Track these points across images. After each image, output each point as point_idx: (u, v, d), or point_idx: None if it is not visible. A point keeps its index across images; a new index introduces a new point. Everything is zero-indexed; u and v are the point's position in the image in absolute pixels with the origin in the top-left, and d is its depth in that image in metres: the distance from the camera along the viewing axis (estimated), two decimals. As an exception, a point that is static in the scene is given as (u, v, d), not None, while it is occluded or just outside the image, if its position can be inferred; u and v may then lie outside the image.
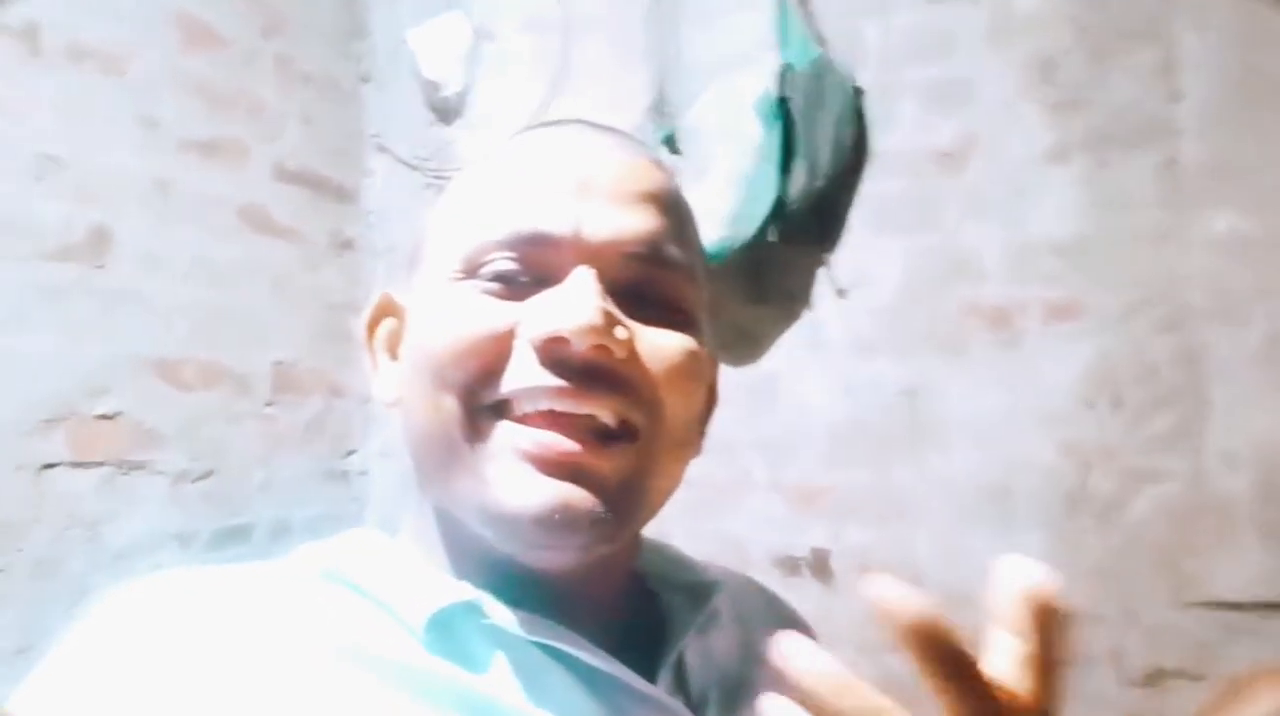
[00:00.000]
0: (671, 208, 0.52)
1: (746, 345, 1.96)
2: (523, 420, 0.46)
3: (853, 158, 1.85)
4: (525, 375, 0.46)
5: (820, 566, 1.86)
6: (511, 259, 0.48)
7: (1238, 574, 1.52)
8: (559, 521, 0.45)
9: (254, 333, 2.13)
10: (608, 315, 0.46)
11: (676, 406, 0.49)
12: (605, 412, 0.46)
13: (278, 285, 2.19)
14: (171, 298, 1.96)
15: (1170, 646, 1.56)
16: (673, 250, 0.50)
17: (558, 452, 0.45)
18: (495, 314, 0.47)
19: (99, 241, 1.84)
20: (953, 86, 1.81)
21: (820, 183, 1.81)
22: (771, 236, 1.81)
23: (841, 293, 1.87)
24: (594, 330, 0.44)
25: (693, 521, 1.93)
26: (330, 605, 0.47)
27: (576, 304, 0.45)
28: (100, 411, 1.82)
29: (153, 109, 1.95)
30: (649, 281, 0.49)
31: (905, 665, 0.39)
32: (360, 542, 0.53)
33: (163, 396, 1.93)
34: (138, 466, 1.88)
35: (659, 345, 0.48)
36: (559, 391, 0.46)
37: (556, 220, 0.48)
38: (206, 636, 0.43)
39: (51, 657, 0.43)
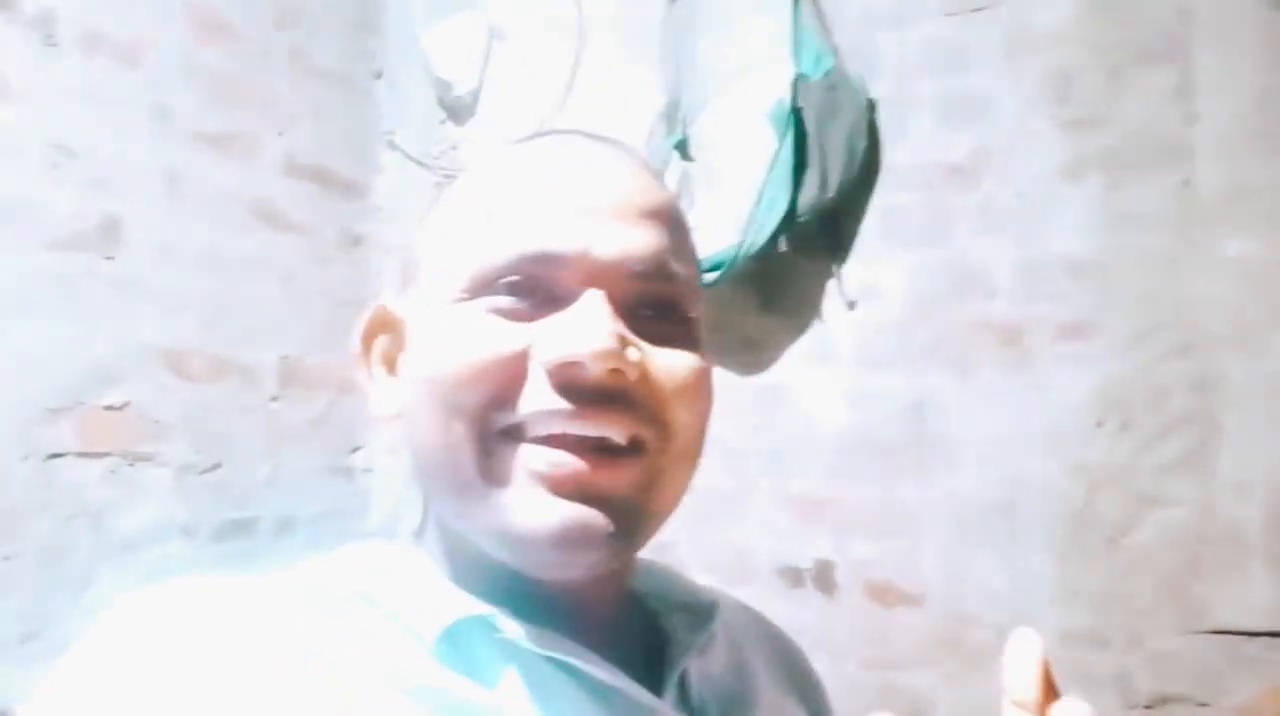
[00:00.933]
0: (673, 223, 0.53)
1: (754, 355, 1.96)
2: (534, 442, 0.47)
3: (865, 169, 1.84)
4: (539, 399, 0.46)
5: (824, 578, 1.86)
6: (519, 280, 0.48)
7: (1245, 602, 1.51)
8: (575, 540, 0.45)
9: (262, 326, 2.13)
10: (620, 338, 0.46)
11: (685, 422, 0.49)
12: (617, 432, 0.47)
13: (286, 280, 2.19)
14: (180, 289, 1.96)
15: (1175, 672, 1.56)
16: (676, 266, 0.51)
17: (571, 473, 0.46)
18: (506, 336, 0.47)
19: (109, 231, 1.84)
20: (967, 101, 1.81)
21: (831, 194, 1.80)
22: (782, 247, 1.80)
23: (851, 304, 1.87)
24: (608, 354, 0.45)
25: (698, 530, 1.94)
26: (342, 617, 0.48)
27: (590, 328, 0.45)
28: (108, 402, 1.83)
29: (166, 100, 1.95)
30: (654, 297, 0.50)
31: (903, 679, 0.39)
32: (369, 554, 0.54)
33: (170, 388, 1.93)
34: (144, 458, 1.88)
35: (668, 364, 0.49)
36: (573, 415, 0.46)
37: (564, 240, 0.48)
38: (218, 648, 0.43)
39: (64, 666, 0.44)
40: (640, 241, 0.49)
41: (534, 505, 0.46)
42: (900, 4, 1.86)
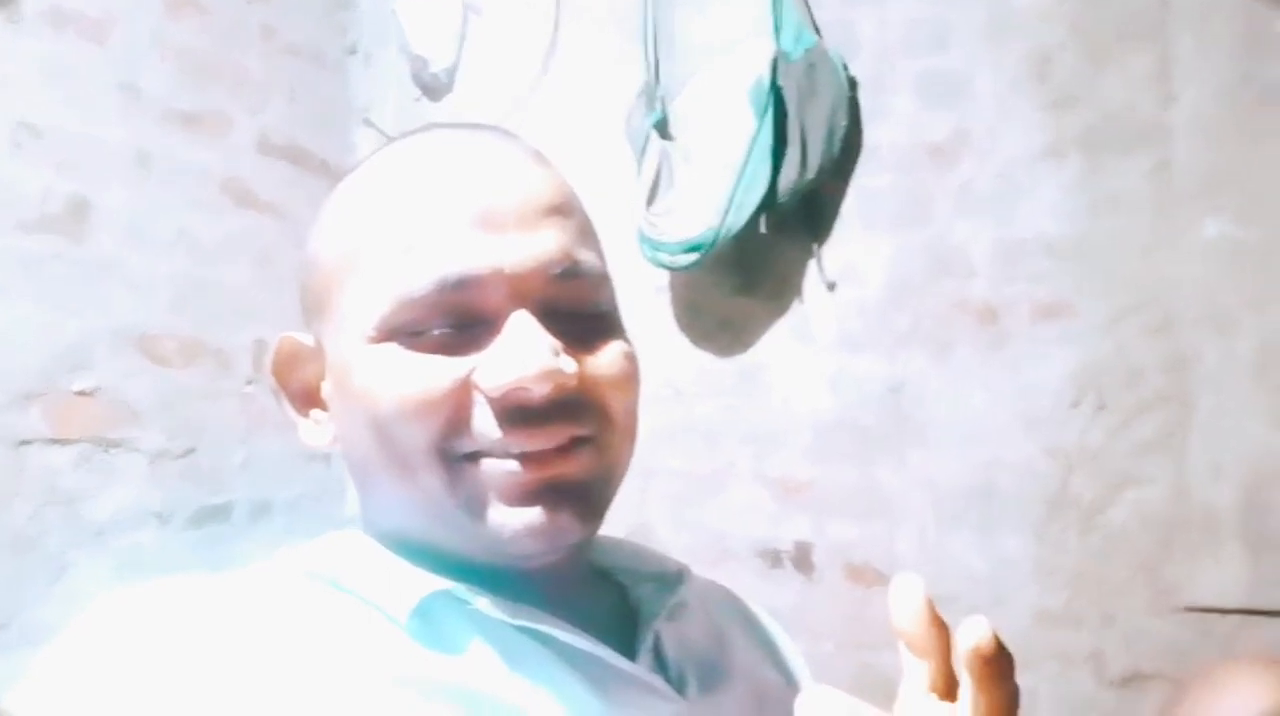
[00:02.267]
0: (574, 211, 0.54)
1: (733, 336, 1.96)
2: (492, 456, 0.49)
3: (845, 150, 1.83)
4: (489, 427, 0.48)
5: (802, 560, 1.87)
6: (440, 310, 0.49)
7: (1217, 581, 1.53)
8: (549, 535, 0.48)
9: (235, 309, 2.10)
10: (555, 350, 0.48)
11: (622, 408, 0.52)
12: (564, 439, 0.49)
13: (260, 261, 2.16)
14: (152, 271, 1.93)
15: (1148, 650, 1.58)
16: (585, 256, 0.52)
17: (533, 482, 0.48)
18: (445, 372, 0.48)
19: (78, 213, 1.81)
20: (947, 81, 1.80)
21: (811, 174, 1.79)
22: (761, 228, 1.79)
23: (831, 286, 1.87)
24: (550, 373, 0.47)
25: (675, 511, 1.94)
26: (314, 603, 0.49)
27: (526, 350, 0.47)
28: (79, 387, 1.80)
29: (134, 77, 1.91)
30: (571, 294, 0.51)
31: (881, 660, 0.40)
32: (339, 543, 0.55)
33: (142, 373, 1.90)
34: (116, 443, 1.86)
35: (598, 360, 0.51)
36: (526, 436, 0.48)
37: (476, 261, 0.48)
38: (198, 641, 0.44)
39: (45, 661, 0.44)
40: (548, 244, 0.50)
41: (507, 516, 0.48)
42: (880, -18, 1.85)
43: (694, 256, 1.81)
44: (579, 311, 0.51)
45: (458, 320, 0.49)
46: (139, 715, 0.41)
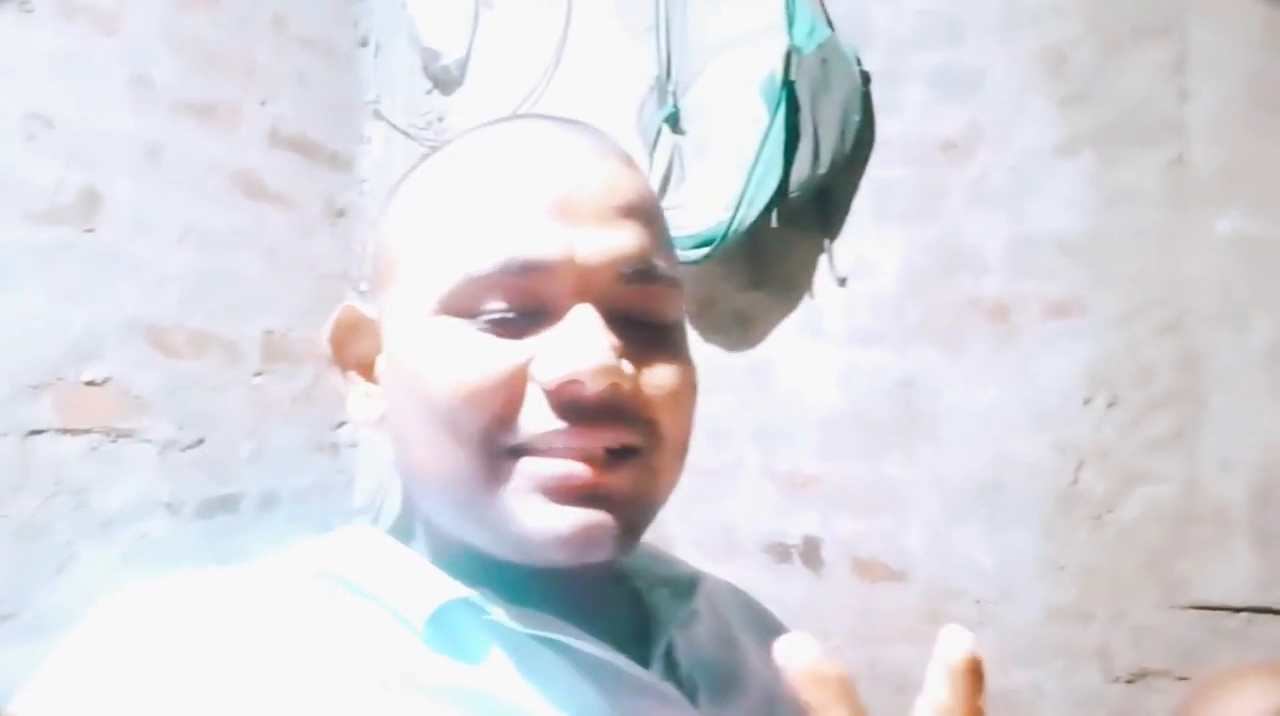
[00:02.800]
0: (654, 216, 0.52)
1: (744, 330, 1.95)
2: (538, 454, 0.47)
3: (857, 144, 1.83)
4: (541, 420, 0.47)
5: (811, 554, 1.87)
6: (505, 292, 0.48)
7: (1227, 578, 1.53)
8: (585, 543, 0.47)
9: (245, 300, 2.10)
10: (616, 351, 0.47)
11: (674, 427, 0.50)
12: (614, 443, 0.48)
13: (270, 252, 2.16)
14: (162, 263, 1.93)
15: (1157, 646, 1.58)
16: (660, 263, 0.50)
17: (576, 481, 0.47)
18: (501, 357, 0.47)
19: (89, 204, 1.81)
20: (961, 75, 1.80)
21: (824, 169, 1.79)
22: (773, 222, 1.79)
23: (842, 281, 1.86)
24: (608, 370, 0.46)
25: (685, 506, 1.94)
26: (330, 605, 0.48)
27: (587, 344, 0.46)
28: (88, 377, 1.80)
29: (145, 69, 1.91)
30: (640, 300, 0.50)
31: (890, 654, 0.39)
32: (355, 540, 0.54)
33: (152, 363, 1.91)
34: (125, 434, 1.86)
35: (656, 373, 0.49)
36: (574, 433, 0.47)
37: (547, 247, 0.47)
38: (210, 640, 0.44)
39: (56, 660, 0.44)
40: (624, 242, 0.49)
41: (544, 515, 0.47)
42: (894, -24, 1.84)
43: (705, 250, 1.81)
44: (645, 319, 0.50)
45: (520, 305, 0.48)
46: (150, 715, 0.41)
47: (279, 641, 0.45)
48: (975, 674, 0.37)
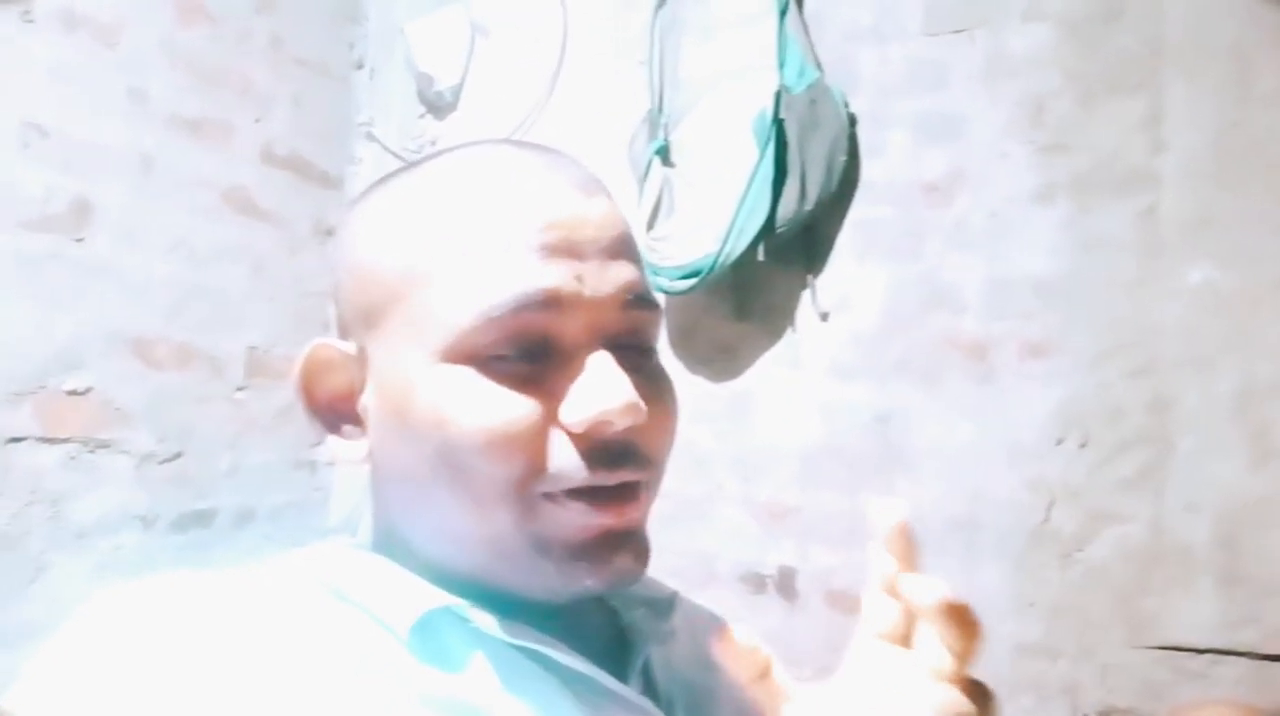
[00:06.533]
0: (636, 247, 0.54)
1: (727, 361, 1.98)
2: (565, 497, 0.48)
3: (842, 183, 1.87)
4: (569, 465, 0.48)
5: (786, 585, 1.89)
6: (517, 331, 0.48)
7: (1192, 618, 1.56)
8: (609, 580, 0.49)
9: (230, 315, 2.11)
10: (635, 388, 0.48)
11: (666, 452, 0.53)
12: (630, 478, 0.49)
13: (257, 269, 2.17)
14: (149, 275, 1.93)
15: (1123, 685, 1.60)
16: (648, 292, 0.52)
17: (604, 523, 0.48)
18: (525, 407, 0.48)
19: (80, 213, 1.81)
20: (944, 121, 1.84)
21: (810, 206, 1.83)
22: (759, 256, 1.82)
23: (824, 316, 1.90)
24: (632, 407, 0.47)
25: (663, 534, 1.94)
26: (317, 610, 0.48)
27: (612, 384, 0.47)
28: (70, 387, 1.80)
29: (142, 82, 1.92)
30: (634, 326, 0.51)
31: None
32: (338, 551, 0.54)
33: (134, 375, 1.90)
34: (104, 445, 1.85)
35: (656, 400, 0.50)
36: (602, 475, 0.48)
37: (556, 281, 0.48)
38: (198, 640, 0.44)
39: (44, 656, 0.44)
40: (623, 274, 0.50)
41: (575, 554, 0.48)
42: (882, 22, 1.90)
43: (692, 281, 1.84)
44: (637, 345, 0.51)
45: (532, 348, 0.48)
46: (137, 714, 0.41)
47: (266, 643, 0.45)
48: (907, 537, 0.44)
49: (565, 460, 0.48)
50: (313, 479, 2.33)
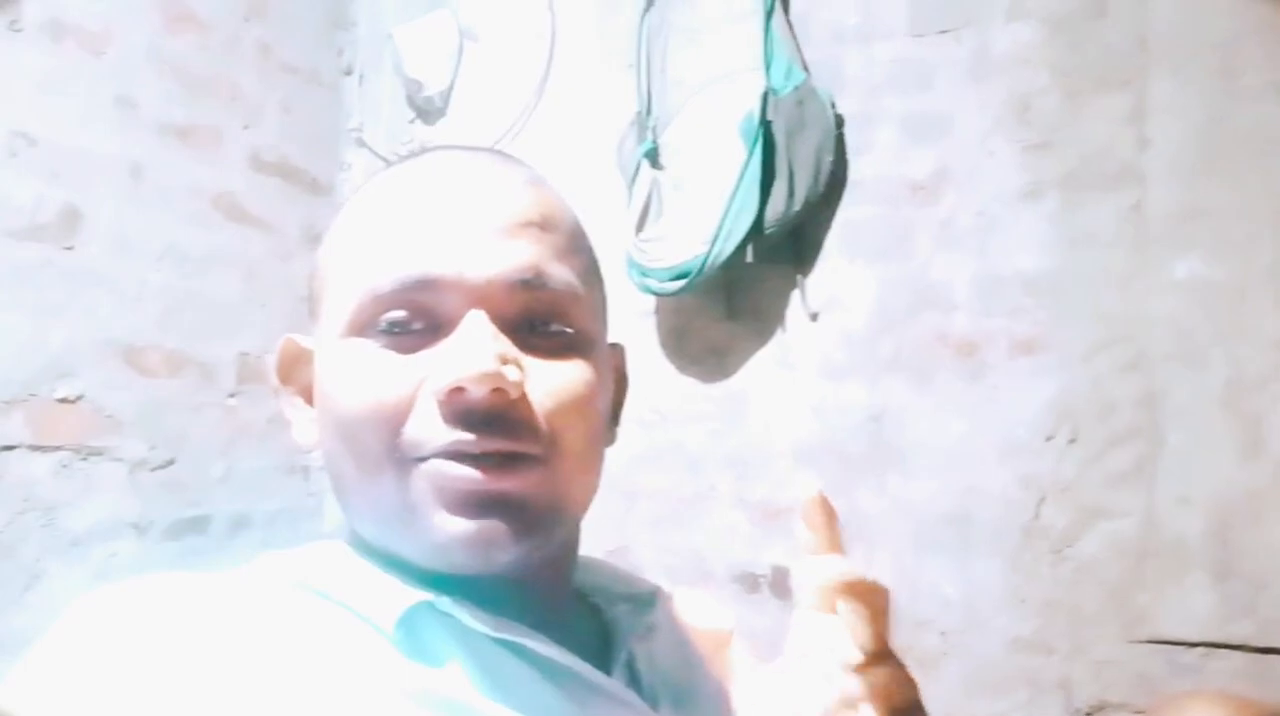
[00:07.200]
0: (552, 226, 0.54)
1: (718, 362, 1.99)
2: (437, 459, 0.49)
3: (830, 184, 1.87)
4: (432, 429, 0.48)
5: (780, 584, 1.89)
6: (400, 309, 0.50)
7: (1183, 613, 1.57)
8: (483, 548, 0.48)
9: (221, 322, 2.11)
10: (500, 357, 0.48)
11: (572, 432, 0.51)
12: (504, 448, 0.49)
13: (247, 276, 2.17)
14: (139, 282, 1.93)
15: (1117, 679, 1.61)
16: (556, 270, 0.52)
17: (467, 486, 0.48)
18: (398, 372, 0.49)
19: (69, 222, 1.81)
20: (930, 120, 1.85)
21: (798, 206, 1.83)
22: (748, 257, 1.83)
23: (814, 316, 1.90)
24: (488, 377, 0.47)
25: (656, 534, 1.96)
26: (302, 610, 0.49)
27: (471, 351, 0.48)
28: (61, 394, 1.79)
29: (131, 90, 1.93)
30: (537, 307, 0.51)
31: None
32: (324, 552, 0.55)
33: (126, 382, 1.90)
34: (97, 452, 1.85)
35: (551, 380, 0.51)
36: (466, 441, 0.48)
37: (438, 264, 0.50)
38: (185, 639, 0.44)
39: (35, 655, 0.44)
40: (514, 254, 0.51)
41: (443, 522, 0.48)
42: (868, 23, 1.91)
43: (681, 283, 1.85)
44: (545, 326, 0.52)
45: (420, 322, 0.50)
46: (127, 713, 0.41)
47: (254, 642, 0.45)
48: (824, 510, 0.48)
49: (426, 423, 0.49)
50: (306, 484, 2.32)
